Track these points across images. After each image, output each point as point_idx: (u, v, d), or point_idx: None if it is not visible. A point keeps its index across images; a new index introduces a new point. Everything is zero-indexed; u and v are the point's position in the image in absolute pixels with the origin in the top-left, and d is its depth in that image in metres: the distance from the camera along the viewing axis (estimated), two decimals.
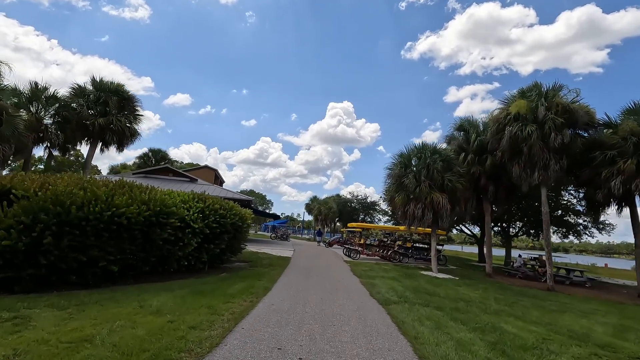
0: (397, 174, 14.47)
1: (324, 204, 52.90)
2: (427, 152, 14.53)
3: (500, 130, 13.82)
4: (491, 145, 14.67)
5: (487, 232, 16.17)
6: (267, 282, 8.54)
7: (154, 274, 8.29)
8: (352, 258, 17.24)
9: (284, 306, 6.18)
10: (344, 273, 11.93)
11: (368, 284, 9.75)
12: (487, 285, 12.24)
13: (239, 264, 12.06)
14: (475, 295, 9.58)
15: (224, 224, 9.65)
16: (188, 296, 6.23)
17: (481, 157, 15.71)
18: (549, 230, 13.05)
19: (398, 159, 15.04)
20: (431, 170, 14.07)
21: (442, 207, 13.52)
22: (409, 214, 14.03)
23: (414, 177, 14.09)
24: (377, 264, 15.93)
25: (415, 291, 9.09)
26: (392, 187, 14.78)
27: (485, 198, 15.86)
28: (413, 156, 14.91)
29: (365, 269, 13.31)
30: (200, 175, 25.95)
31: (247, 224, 11.26)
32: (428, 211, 13.86)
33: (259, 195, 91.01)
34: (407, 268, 15.39)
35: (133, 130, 18.37)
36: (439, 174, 13.90)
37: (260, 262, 12.87)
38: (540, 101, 12.78)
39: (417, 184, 13.94)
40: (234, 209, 10.34)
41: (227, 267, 10.95)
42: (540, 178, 12.84)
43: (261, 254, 16.07)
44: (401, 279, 11.43)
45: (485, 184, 15.36)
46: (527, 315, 7.42)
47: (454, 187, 13.80)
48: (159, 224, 7.65)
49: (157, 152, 43.47)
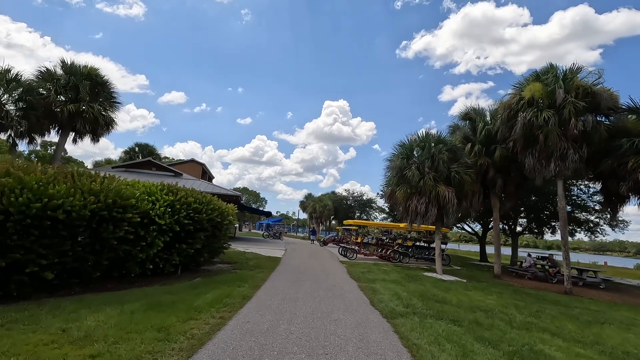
0: (398, 165, 13.17)
1: (319, 201, 51.62)
2: (431, 142, 13.25)
3: (511, 117, 12.58)
4: (501, 135, 13.42)
5: (496, 230, 14.95)
6: (248, 289, 7.19)
7: (110, 281, 6.89)
8: (348, 258, 15.95)
9: (263, 324, 4.83)
10: (340, 276, 10.61)
11: (368, 289, 8.44)
12: (500, 288, 11.01)
13: (221, 266, 10.69)
14: (492, 302, 8.32)
15: (199, 220, 8.26)
16: (139, 311, 4.86)
17: (489, 147, 14.46)
18: (566, 227, 11.85)
19: (399, 150, 13.74)
20: (436, 161, 12.78)
21: (448, 201, 12.25)
22: (411, 209, 12.74)
23: (416, 169, 12.80)
24: (375, 264, 14.65)
25: (423, 298, 7.80)
26: (393, 180, 13.48)
27: (493, 192, 14.64)
28: (415, 146, 13.62)
29: (364, 271, 12.01)
30: (187, 169, 24.45)
31: (229, 221, 9.88)
32: (432, 206, 12.59)
33: (252, 193, 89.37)
34: (408, 269, 14.13)
35: (109, 119, 16.84)
36: (445, 165, 12.62)
37: (246, 264, 11.51)
38: (557, 84, 11.54)
39: (420, 176, 12.65)
40: (212, 203, 8.95)
41: (206, 270, 9.59)
42: (557, 169, 11.62)
43: (249, 254, 14.70)
44: (404, 282, 10.14)
45: (493, 177, 14.13)
46: (562, 329, 6.15)
47: (461, 180, 12.54)
48: (112, 219, 6.25)
49: (145, 146, 41.76)
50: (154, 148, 41.64)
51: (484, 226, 27.57)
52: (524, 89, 12.46)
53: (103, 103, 16.56)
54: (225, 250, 14.91)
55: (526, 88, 12.19)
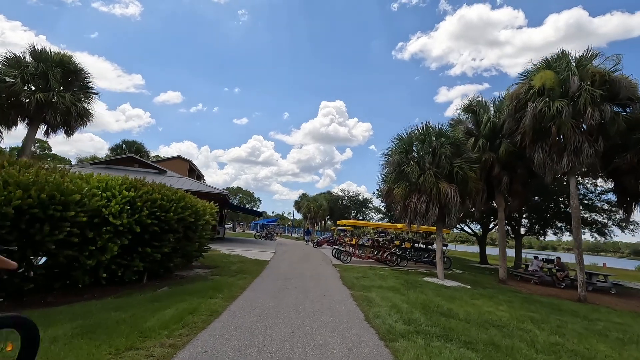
0: (396, 160, 12.13)
1: (314, 201, 50.57)
2: (432, 135, 12.23)
3: (519, 109, 11.60)
4: (507, 128, 12.45)
5: (501, 231, 13.96)
6: (221, 301, 6.11)
7: (52, 293, 5.76)
8: (342, 261, 14.90)
9: (225, 354, 3.74)
10: (332, 282, 9.55)
11: (362, 299, 7.38)
12: (508, 296, 10.02)
13: (199, 272, 9.58)
14: (504, 314, 7.30)
15: (166, 219, 7.15)
16: (63, 339, 3.75)
17: (494, 142, 13.50)
18: (579, 228, 10.89)
19: (397, 144, 12.70)
20: (438, 155, 11.76)
21: (451, 200, 11.23)
22: (411, 208, 11.71)
23: (416, 164, 11.77)
24: (371, 268, 13.61)
25: (426, 310, 6.77)
26: (390, 176, 12.44)
27: (498, 190, 13.66)
28: (415, 140, 12.59)
29: (358, 276, 10.96)
30: (173, 166, 23.24)
31: (206, 221, 8.78)
32: (433, 205, 11.57)
33: (246, 193, 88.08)
34: (407, 273, 13.10)
35: (83, 110, 15.61)
36: (447, 160, 11.61)
37: (228, 269, 10.40)
38: (571, 71, 10.57)
39: (420, 172, 11.63)
40: (185, 200, 7.84)
41: (179, 277, 8.49)
42: (570, 165, 10.66)
43: (234, 257, 13.59)
44: (403, 289, 9.11)
45: (498, 174, 13.15)
46: (595, 352, 5.14)
47: (464, 176, 11.54)
48: (49, 218, 5.12)
49: (132, 144, 40.37)
50: (142, 145, 40.25)
51: (484, 227, 26.67)
52: (533, 77, 11.49)
53: (77, 93, 15.33)
54: (209, 253, 13.83)
55: (536, 76, 11.22)
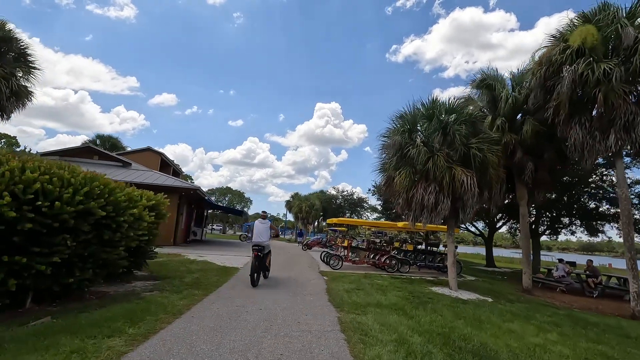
0: (397, 142, 9.83)
1: (306, 200, 48.30)
2: (441, 110, 9.95)
3: (551, 76, 9.40)
4: (533, 101, 10.24)
5: (524, 230, 11.69)
6: (121, 344, 3.76)
7: None
8: (331, 267, 12.56)
9: None
10: (314, 299, 7.20)
11: (354, 328, 5.06)
12: (546, 313, 7.77)
13: (136, 286, 7.18)
14: (562, 349, 5.05)
15: (54, 213, 4.72)
16: None
17: (515, 121, 11.31)
18: (631, 224, 8.68)
19: (398, 123, 10.41)
20: (450, 134, 9.50)
21: (467, 190, 8.97)
22: (416, 201, 9.43)
23: (423, 145, 9.48)
24: (366, 275, 11.29)
25: (449, 346, 4.51)
26: (390, 161, 10.13)
27: (520, 180, 11.45)
28: (420, 117, 10.30)
29: (351, 287, 8.64)
30: (141, 159, 20.72)
31: (136, 216, 6.36)
32: (445, 197, 9.29)
33: (236, 193, 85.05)
34: (410, 282, 10.81)
35: (20, 88, 13.06)
36: (462, 139, 9.33)
37: (180, 280, 8.00)
38: (620, 22, 8.38)
39: (429, 155, 9.33)
40: (95, 182, 5.40)
41: (101, 294, 6.09)
42: (619, 144, 8.46)
43: (199, 263, 11.17)
44: (410, 308, 6.80)
45: (521, 160, 10.94)
46: None
47: (483, 161, 9.27)
48: None
49: (107, 139, 37.62)
50: (117, 140, 37.50)
51: (491, 226, 24.55)
52: (567, 36, 9.29)
53: (8, 66, 12.78)
54: (169, 259, 11.41)
55: (573, 33, 9.03)
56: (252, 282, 7.78)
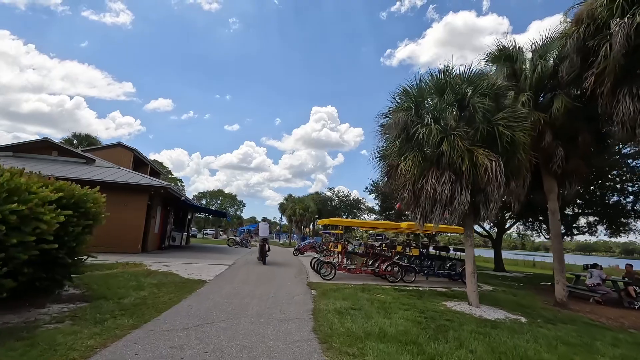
0: (402, 120, 7.94)
1: (300, 202, 46.27)
2: (456, 81, 8.09)
3: (592, 35, 7.59)
4: (567, 71, 8.41)
5: (555, 229, 9.79)
6: None
7: None
8: (322, 276, 10.62)
9: None
10: (294, 328, 5.26)
11: None
12: (606, 337, 5.90)
13: (48, 312, 5.24)
14: None
15: None
16: None
17: (540, 99, 9.48)
18: None
19: (402, 99, 8.53)
20: (469, 109, 7.64)
21: (492, 179, 7.10)
22: (427, 194, 7.54)
23: (434, 122, 7.59)
24: (364, 287, 9.37)
25: None
26: (393, 145, 8.22)
27: (548, 170, 9.60)
28: (429, 91, 8.43)
29: (344, 306, 6.72)
30: (110, 156, 18.64)
31: (23, 213, 4.39)
32: (463, 188, 7.42)
33: (228, 196, 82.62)
34: (418, 295, 8.90)
35: None
36: (486, 115, 7.47)
37: (117, 302, 6.05)
38: None
39: (442, 135, 7.45)
40: None
41: None
42: None
43: (158, 275, 9.19)
44: (426, 339, 4.89)
45: (550, 145, 9.09)
46: None
47: (512, 142, 7.41)
48: None
49: (85, 137, 35.54)
50: (96, 139, 35.37)
51: (499, 226, 22.72)
52: None
53: None
54: (123, 270, 9.42)
55: None
56: (262, 261, 13.26)
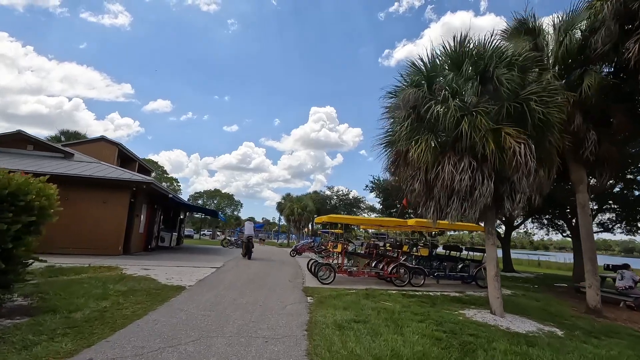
0: (412, 97, 6.80)
1: (298, 202, 45.15)
2: (474, 53, 6.95)
3: None
4: (603, 43, 7.29)
5: (585, 225, 8.60)
6: None
7: None
8: (320, 280, 9.50)
9: None
10: (283, 351, 4.13)
11: None
12: None
13: None
14: None
15: None
16: None
17: (571, 74, 8.35)
18: None
19: (412, 74, 7.40)
20: (493, 82, 6.51)
21: (521, 164, 5.99)
22: (444, 183, 6.41)
23: (451, 97, 6.44)
24: (368, 293, 8.24)
25: None
26: (402, 127, 7.06)
27: (577, 157, 8.47)
28: (443, 65, 7.30)
29: (347, 318, 5.60)
30: (93, 150, 17.45)
31: None
32: (485, 176, 6.30)
33: (225, 195, 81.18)
34: (431, 302, 7.77)
35: None
36: (514, 88, 6.34)
37: (66, 315, 4.94)
38: None
39: (461, 113, 6.31)
40: None
41: None
42: None
43: (133, 280, 8.05)
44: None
45: (580, 128, 7.97)
46: None
47: (545, 120, 6.27)
48: None
49: (74, 135, 34.58)
50: (84, 137, 34.19)
51: (508, 224, 21.61)
52: None
53: None
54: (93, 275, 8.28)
55: None
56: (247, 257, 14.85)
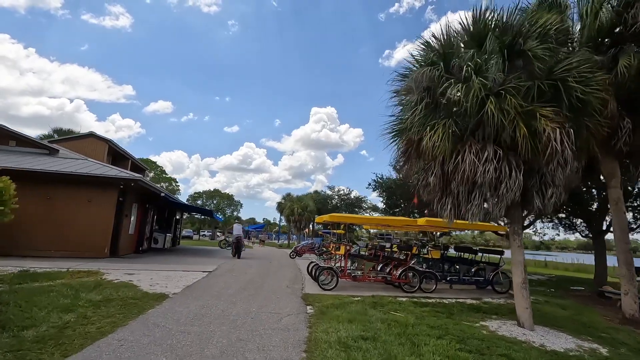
0: (426, 77, 5.91)
1: (298, 201, 44.32)
2: (498, 23, 6.05)
3: None
4: None
5: (619, 222, 7.69)
6: None
7: None
8: (321, 285, 8.61)
9: None
10: None
11: None
12: None
13: None
14: None
15: None
16: None
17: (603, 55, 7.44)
18: None
19: (426, 52, 6.51)
20: (521, 57, 5.63)
21: (557, 153, 5.10)
22: (463, 176, 5.52)
23: (473, 74, 5.53)
24: (375, 301, 7.36)
25: None
26: (414, 112, 6.16)
27: (609, 149, 7.56)
28: (460, 42, 6.41)
29: (352, 334, 4.73)
30: (81, 147, 16.65)
31: None
32: (513, 168, 5.42)
33: (225, 196, 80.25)
34: (447, 311, 6.88)
35: None
36: (550, 63, 5.45)
37: (15, 335, 4.03)
38: None
39: (486, 93, 5.41)
40: None
41: None
42: None
43: (112, 287, 7.20)
44: None
45: (614, 115, 7.04)
46: None
47: (584, 99, 5.37)
48: None
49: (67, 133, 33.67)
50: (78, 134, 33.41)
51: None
52: None
53: None
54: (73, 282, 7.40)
55: None
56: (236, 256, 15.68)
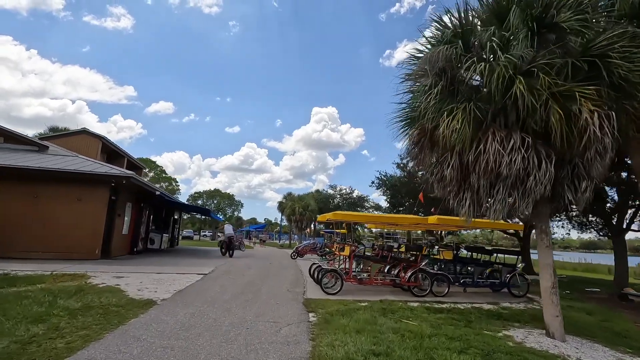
0: (442, 56, 5.26)
1: (299, 201, 43.71)
2: None
3: None
4: None
5: None
6: None
7: None
8: (324, 289, 7.98)
9: None
10: None
11: None
12: None
13: None
14: None
15: None
16: None
17: None
18: None
19: (442, 30, 5.86)
20: (552, 31, 4.97)
21: (596, 140, 4.45)
22: (485, 167, 4.87)
23: (499, 51, 4.87)
24: (385, 307, 6.74)
25: None
26: (429, 96, 5.50)
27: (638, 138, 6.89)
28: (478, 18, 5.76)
29: (362, 350, 4.10)
30: (74, 144, 16.05)
31: None
32: (543, 158, 4.77)
33: (225, 195, 79.74)
34: (465, 319, 6.23)
35: None
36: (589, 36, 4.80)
37: None
38: None
39: (512, 72, 4.75)
40: None
41: None
42: None
43: (95, 292, 6.60)
44: None
45: None
46: None
47: (628, 81, 4.70)
48: None
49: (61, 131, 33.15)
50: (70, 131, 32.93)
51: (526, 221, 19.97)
52: None
53: None
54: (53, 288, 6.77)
55: None
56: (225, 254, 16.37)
